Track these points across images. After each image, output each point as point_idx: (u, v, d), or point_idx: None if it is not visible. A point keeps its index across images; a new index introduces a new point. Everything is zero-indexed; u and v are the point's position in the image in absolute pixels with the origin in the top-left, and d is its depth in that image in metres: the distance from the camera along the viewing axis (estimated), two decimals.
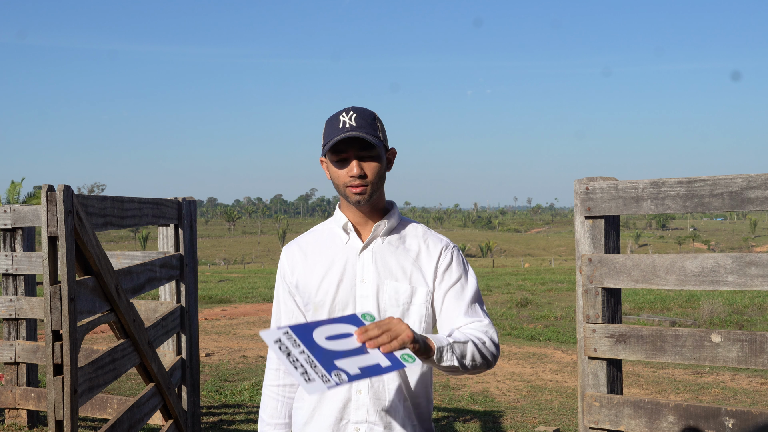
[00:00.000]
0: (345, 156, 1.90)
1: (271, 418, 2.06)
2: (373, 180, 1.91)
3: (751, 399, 7.37)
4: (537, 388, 7.87)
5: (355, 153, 1.90)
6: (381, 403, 1.93)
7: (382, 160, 1.94)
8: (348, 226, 1.98)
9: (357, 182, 1.90)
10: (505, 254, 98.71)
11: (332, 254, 1.98)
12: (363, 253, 1.96)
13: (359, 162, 1.90)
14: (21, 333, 5.53)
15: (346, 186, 1.91)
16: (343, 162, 1.91)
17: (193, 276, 4.80)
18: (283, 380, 2.06)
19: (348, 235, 1.99)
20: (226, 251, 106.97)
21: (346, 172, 1.91)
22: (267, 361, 2.10)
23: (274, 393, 2.07)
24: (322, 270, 1.97)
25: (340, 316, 1.72)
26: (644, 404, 3.15)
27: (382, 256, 1.96)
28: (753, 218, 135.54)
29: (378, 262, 1.95)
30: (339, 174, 1.92)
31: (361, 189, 1.90)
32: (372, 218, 1.99)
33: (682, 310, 16.37)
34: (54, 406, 2.93)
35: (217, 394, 7.21)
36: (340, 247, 1.99)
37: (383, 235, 1.98)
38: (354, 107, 1.93)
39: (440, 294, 1.97)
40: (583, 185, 3.29)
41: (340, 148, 1.90)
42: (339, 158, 1.91)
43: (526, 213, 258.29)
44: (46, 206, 2.95)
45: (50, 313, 2.93)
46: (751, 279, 2.92)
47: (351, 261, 1.96)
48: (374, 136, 1.90)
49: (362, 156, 1.91)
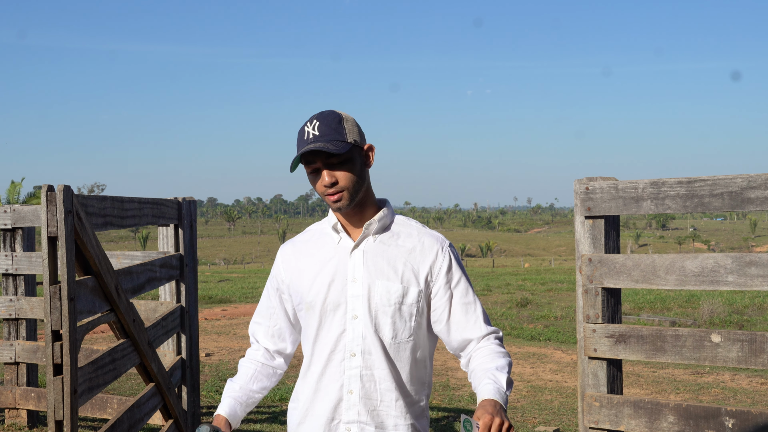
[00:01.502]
0: (315, 167, 1.89)
1: (240, 380, 2.09)
2: (348, 185, 1.89)
3: (751, 399, 7.37)
4: (537, 388, 7.87)
5: (323, 162, 1.88)
6: (372, 402, 1.93)
7: (354, 162, 1.90)
8: (338, 226, 1.97)
9: (331, 190, 1.89)
10: (505, 254, 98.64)
11: (324, 254, 1.98)
12: (354, 253, 1.95)
13: (329, 171, 1.88)
14: (21, 333, 5.53)
15: (324, 195, 1.91)
16: (316, 172, 1.90)
17: (193, 276, 4.80)
18: (261, 358, 2.12)
19: (339, 235, 1.98)
20: (226, 251, 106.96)
21: (320, 183, 1.90)
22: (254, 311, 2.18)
23: (248, 363, 2.13)
24: (314, 270, 1.98)
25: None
26: (644, 404, 3.15)
27: (373, 255, 1.95)
28: (753, 218, 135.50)
29: (369, 262, 1.94)
30: (315, 185, 1.92)
31: (338, 196, 1.89)
32: (363, 218, 1.97)
33: (682, 310, 16.37)
34: (54, 406, 2.93)
35: (217, 394, 7.21)
36: (332, 247, 1.98)
37: (375, 234, 1.97)
38: (319, 114, 1.91)
39: (442, 297, 1.96)
40: (583, 185, 3.29)
41: (308, 160, 1.89)
42: (311, 169, 1.91)
43: (526, 213, 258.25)
44: (46, 206, 2.95)
45: (50, 313, 2.93)
46: (751, 279, 2.92)
47: (342, 260, 1.95)
48: (339, 141, 1.86)
49: (331, 164, 1.88)
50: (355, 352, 1.93)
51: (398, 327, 1.93)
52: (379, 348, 1.92)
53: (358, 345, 1.92)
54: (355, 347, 1.93)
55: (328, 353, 1.94)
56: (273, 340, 2.11)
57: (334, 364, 1.94)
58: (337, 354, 1.94)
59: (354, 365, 1.93)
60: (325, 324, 1.95)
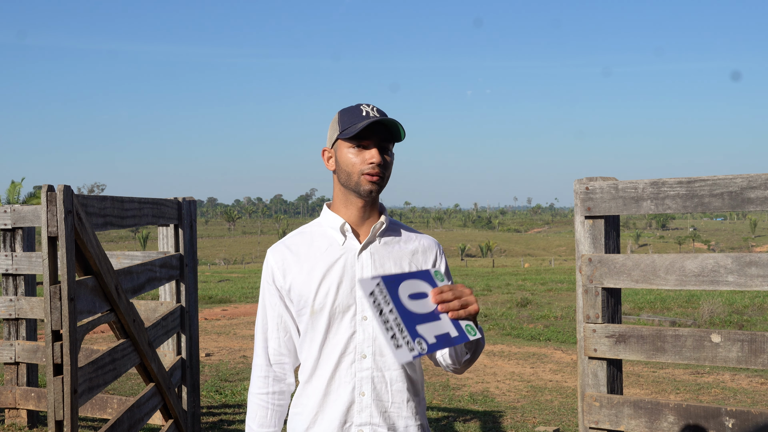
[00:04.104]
0: (366, 143, 1.88)
1: (261, 427, 1.99)
2: (387, 173, 1.91)
3: (751, 399, 7.36)
4: (537, 388, 7.86)
5: (377, 142, 1.89)
6: (384, 404, 1.92)
7: (393, 157, 1.95)
8: (345, 227, 1.95)
9: (376, 170, 1.87)
10: (505, 254, 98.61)
11: (329, 256, 1.94)
12: (362, 254, 1.94)
13: (380, 151, 1.89)
14: (21, 333, 5.53)
15: (362, 173, 1.88)
16: (363, 149, 1.89)
17: (193, 276, 4.80)
18: (272, 387, 2.00)
19: (345, 237, 1.95)
20: (226, 251, 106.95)
21: (365, 158, 1.88)
22: (253, 368, 2.03)
23: (263, 401, 2.00)
24: (319, 273, 1.92)
25: (416, 271, 1.64)
26: (644, 404, 3.15)
27: (380, 256, 1.95)
28: (753, 218, 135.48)
29: (377, 263, 1.94)
30: (354, 161, 1.88)
31: (377, 178, 1.88)
32: (370, 217, 1.97)
33: (682, 310, 16.36)
34: (54, 406, 2.93)
35: (217, 394, 7.21)
36: (337, 249, 1.95)
37: (380, 235, 1.97)
38: (370, 105, 1.92)
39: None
40: (583, 185, 3.29)
41: (362, 134, 1.87)
42: (358, 144, 1.88)
43: (526, 213, 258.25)
44: (46, 206, 2.95)
45: (50, 313, 2.92)
46: (751, 279, 2.92)
47: (350, 262, 1.93)
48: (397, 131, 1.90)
49: (384, 147, 1.90)
50: (366, 354, 1.91)
51: None
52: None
53: (369, 346, 1.91)
54: (366, 349, 1.91)
55: (338, 356, 1.91)
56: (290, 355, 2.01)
57: (345, 366, 1.91)
58: (348, 356, 1.91)
59: (365, 367, 1.91)
60: (334, 326, 1.92)
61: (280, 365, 1.99)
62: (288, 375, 2.01)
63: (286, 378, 2.00)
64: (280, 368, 1.99)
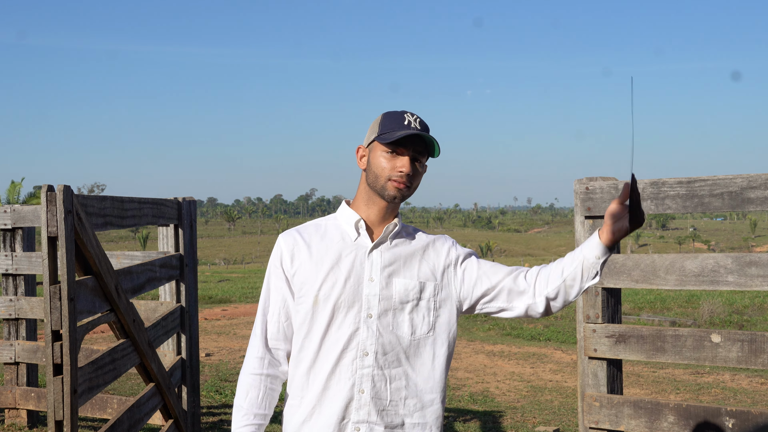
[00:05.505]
0: (401, 150, 1.93)
1: (252, 407, 1.97)
2: (415, 184, 1.98)
3: (751, 399, 7.37)
4: (537, 388, 7.87)
5: (411, 152, 1.94)
6: (382, 402, 1.92)
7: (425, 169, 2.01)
8: (360, 224, 1.99)
9: (404, 179, 1.93)
10: (505, 254, 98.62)
11: (339, 250, 1.97)
12: (372, 253, 1.97)
13: (412, 161, 1.95)
14: (21, 333, 5.53)
15: (390, 179, 1.93)
16: (395, 155, 1.94)
17: (193, 276, 4.80)
18: (267, 370, 1.98)
19: (358, 233, 1.98)
20: (226, 251, 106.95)
21: (396, 165, 1.93)
22: (249, 348, 2.02)
23: (256, 381, 1.98)
24: (327, 264, 1.95)
25: None
26: (644, 404, 3.15)
27: (390, 255, 1.98)
28: (753, 218, 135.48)
29: (386, 262, 1.97)
30: (386, 166, 1.94)
31: (404, 186, 1.94)
32: (387, 219, 2.01)
33: (682, 310, 16.37)
34: (54, 406, 2.93)
35: (217, 394, 7.21)
36: (348, 244, 1.98)
37: (391, 237, 2.00)
38: (414, 114, 1.98)
39: (474, 269, 2.02)
40: (583, 185, 3.29)
41: (401, 142, 1.92)
42: (394, 151, 1.94)
43: (526, 213, 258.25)
44: (45, 206, 2.95)
45: (50, 313, 2.92)
46: (751, 279, 2.92)
47: (359, 259, 1.96)
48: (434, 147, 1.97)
49: (417, 159, 1.96)
50: (368, 351, 1.92)
51: (416, 323, 1.95)
52: (393, 347, 1.93)
53: (372, 344, 1.92)
54: (368, 346, 1.92)
55: (339, 351, 1.92)
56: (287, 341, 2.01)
57: (346, 362, 1.92)
58: (350, 353, 1.92)
59: (366, 364, 1.92)
60: (337, 321, 1.93)
61: (276, 350, 2.01)
62: (283, 363, 2.01)
63: (281, 365, 2.01)
64: (276, 353, 2.01)
